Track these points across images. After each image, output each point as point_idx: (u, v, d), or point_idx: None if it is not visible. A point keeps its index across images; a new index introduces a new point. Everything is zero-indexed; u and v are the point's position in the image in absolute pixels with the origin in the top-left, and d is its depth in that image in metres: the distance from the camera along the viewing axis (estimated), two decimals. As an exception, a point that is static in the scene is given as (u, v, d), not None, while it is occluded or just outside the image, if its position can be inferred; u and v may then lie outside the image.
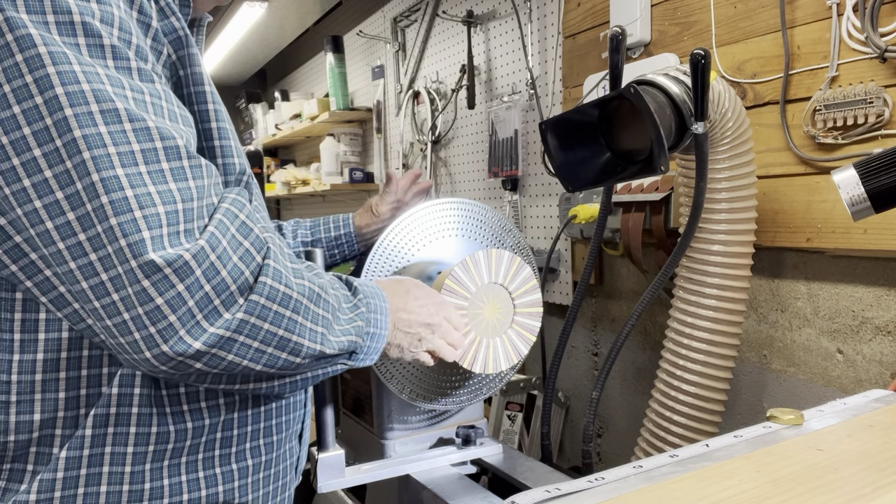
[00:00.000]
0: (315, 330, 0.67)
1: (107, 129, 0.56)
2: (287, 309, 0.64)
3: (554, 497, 0.65)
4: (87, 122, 0.55)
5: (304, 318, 0.66)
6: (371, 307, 0.78)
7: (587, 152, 1.20)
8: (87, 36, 0.58)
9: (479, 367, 1.03)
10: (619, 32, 1.18)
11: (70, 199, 0.56)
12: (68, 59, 0.56)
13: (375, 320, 0.78)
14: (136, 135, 0.57)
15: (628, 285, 1.82)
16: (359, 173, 3.20)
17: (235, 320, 0.60)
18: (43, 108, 0.55)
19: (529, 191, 2.11)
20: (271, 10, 3.14)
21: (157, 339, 0.57)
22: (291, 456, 0.83)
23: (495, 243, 1.15)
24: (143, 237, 0.55)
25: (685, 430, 1.29)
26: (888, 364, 1.25)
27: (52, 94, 0.55)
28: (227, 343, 0.60)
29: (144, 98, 0.59)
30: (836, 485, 0.64)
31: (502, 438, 1.99)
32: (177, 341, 0.58)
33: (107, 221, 0.55)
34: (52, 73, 0.55)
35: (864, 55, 1.19)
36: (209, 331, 0.59)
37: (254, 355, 0.63)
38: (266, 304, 0.62)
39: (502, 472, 1.14)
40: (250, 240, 0.62)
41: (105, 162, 0.55)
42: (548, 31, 1.99)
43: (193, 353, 0.59)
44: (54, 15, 0.56)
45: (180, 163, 0.59)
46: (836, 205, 1.24)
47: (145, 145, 0.58)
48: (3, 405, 0.63)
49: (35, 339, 0.63)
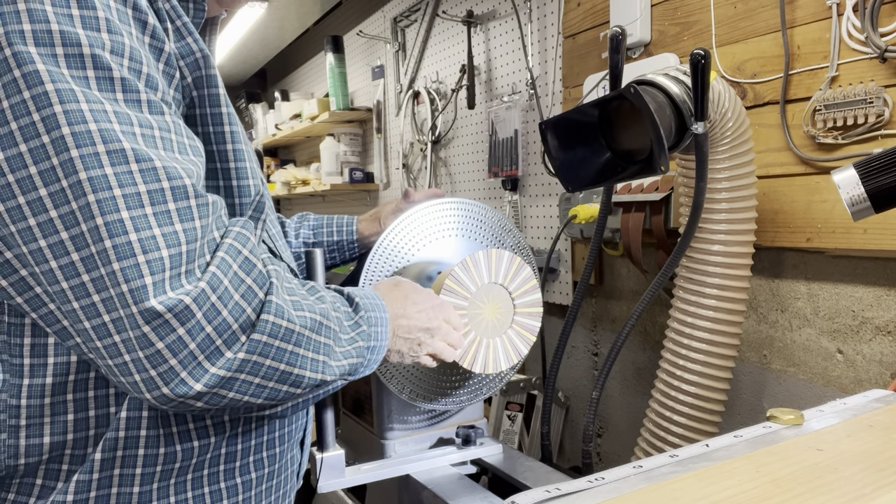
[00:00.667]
0: (317, 359, 0.68)
1: (112, 170, 0.55)
2: (289, 343, 0.64)
3: (554, 497, 0.65)
4: (92, 164, 0.55)
5: (306, 349, 0.66)
6: (372, 321, 0.78)
7: (587, 152, 1.20)
8: (97, 69, 0.57)
9: (479, 367, 1.03)
10: (619, 32, 1.18)
11: (74, 240, 0.55)
12: (76, 98, 0.55)
13: (376, 333, 0.78)
14: (142, 175, 0.57)
15: (628, 285, 1.82)
16: (359, 173, 3.20)
17: (237, 360, 0.60)
18: (49, 148, 0.55)
19: (529, 191, 2.11)
20: (271, 10, 3.14)
21: (158, 381, 0.57)
22: (293, 464, 0.83)
23: (495, 243, 1.14)
24: (144, 283, 0.55)
25: (685, 430, 1.29)
26: (888, 364, 1.25)
27: (59, 134, 0.55)
28: (229, 382, 0.61)
29: (153, 133, 0.59)
30: (836, 485, 0.64)
31: (502, 438, 1.99)
32: (178, 384, 0.58)
33: (109, 265, 0.55)
34: (58, 111, 0.55)
35: (864, 55, 1.19)
36: (210, 371, 0.59)
37: (255, 391, 0.63)
38: (268, 341, 0.62)
39: (502, 472, 1.14)
40: (252, 276, 0.62)
41: (110, 205, 0.55)
42: (548, 31, 1.99)
43: (194, 394, 0.59)
44: (63, 48, 0.56)
45: (187, 202, 0.59)
46: (836, 205, 1.24)
47: (151, 186, 0.57)
48: (13, 429, 0.63)
49: (44, 363, 0.64)
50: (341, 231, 1.22)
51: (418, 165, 2.77)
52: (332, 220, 1.23)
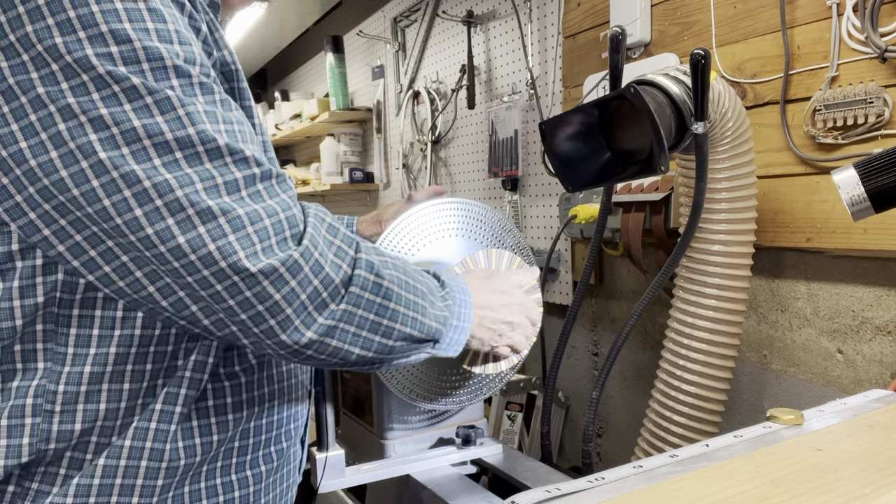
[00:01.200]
0: (406, 314, 0.74)
1: (212, 164, 0.63)
2: (378, 296, 0.71)
3: (554, 497, 0.65)
4: (195, 162, 0.62)
5: (396, 303, 0.73)
6: (457, 300, 0.83)
7: (587, 152, 1.20)
8: (180, 77, 0.63)
9: (479, 367, 1.03)
10: (619, 32, 1.18)
11: (180, 224, 0.62)
12: (172, 106, 0.62)
13: (460, 313, 0.83)
14: (237, 165, 0.64)
15: (628, 285, 1.82)
16: (359, 173, 3.20)
17: (339, 311, 0.68)
18: (152, 151, 0.61)
19: (529, 191, 2.11)
20: (271, 10, 3.14)
21: (277, 329, 0.65)
22: (296, 459, 0.86)
23: (495, 243, 1.14)
24: (255, 249, 0.63)
25: (685, 430, 1.29)
26: (888, 364, 1.25)
27: (163, 140, 0.61)
28: (332, 331, 0.68)
29: (233, 128, 0.66)
30: (836, 485, 0.64)
31: (502, 438, 1.99)
32: (293, 331, 0.66)
33: (225, 238, 0.62)
34: (160, 121, 0.61)
35: (864, 55, 1.19)
36: (318, 321, 0.67)
37: (352, 339, 0.70)
38: (360, 293, 0.70)
39: (502, 472, 1.14)
40: (339, 237, 0.70)
41: (211, 192, 0.63)
42: (548, 31, 1.99)
43: (306, 341, 0.67)
44: (148, 63, 0.61)
45: (270, 181, 0.67)
46: (836, 205, 1.24)
47: (245, 172, 0.65)
48: (48, 414, 0.66)
49: (86, 353, 0.67)
50: None
51: (418, 165, 2.77)
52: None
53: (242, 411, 0.76)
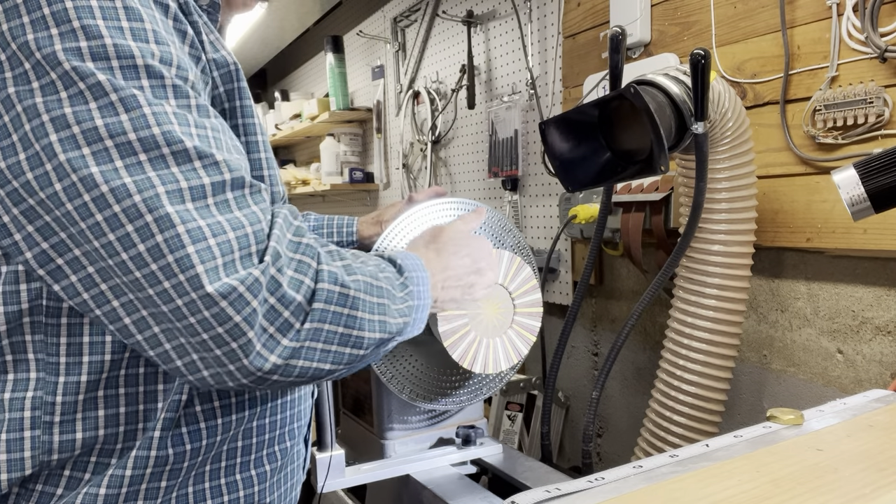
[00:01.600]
0: (373, 320, 0.71)
1: (178, 168, 0.60)
2: (345, 307, 0.67)
3: (554, 497, 0.65)
4: (159, 165, 0.59)
5: (363, 311, 0.69)
6: (414, 280, 0.80)
7: (587, 152, 1.20)
8: (151, 77, 0.60)
9: (479, 367, 1.03)
10: (619, 32, 1.18)
11: (139, 231, 0.58)
12: (138, 104, 0.59)
13: (419, 292, 0.80)
14: (206, 170, 0.61)
15: (628, 285, 1.82)
16: (359, 173, 3.20)
17: (305, 330, 0.64)
18: (114, 152, 0.58)
19: (529, 191, 2.11)
20: (271, 10, 3.14)
21: (239, 353, 0.61)
22: (299, 457, 0.86)
23: (495, 243, 1.14)
24: (216, 264, 0.59)
25: (685, 430, 1.29)
26: (888, 364, 1.25)
27: (126, 140, 0.58)
28: (298, 352, 0.64)
29: (207, 133, 0.63)
30: (836, 485, 0.64)
31: (502, 438, 1.99)
32: (255, 356, 0.61)
33: (183, 249, 0.58)
34: (124, 119, 0.58)
35: (864, 55, 1.19)
36: (282, 343, 0.62)
37: (321, 356, 0.66)
38: (326, 307, 0.65)
39: (502, 472, 1.14)
40: (301, 250, 0.66)
41: (174, 197, 0.59)
42: (548, 31, 1.99)
43: (270, 366, 0.62)
44: (118, 60, 0.59)
45: (242, 191, 0.63)
46: (836, 205, 1.25)
47: (214, 178, 0.61)
48: (47, 426, 0.66)
49: (79, 361, 0.66)
50: (341, 231, 1.23)
51: (418, 165, 2.77)
52: (333, 220, 1.24)
53: (245, 411, 0.76)
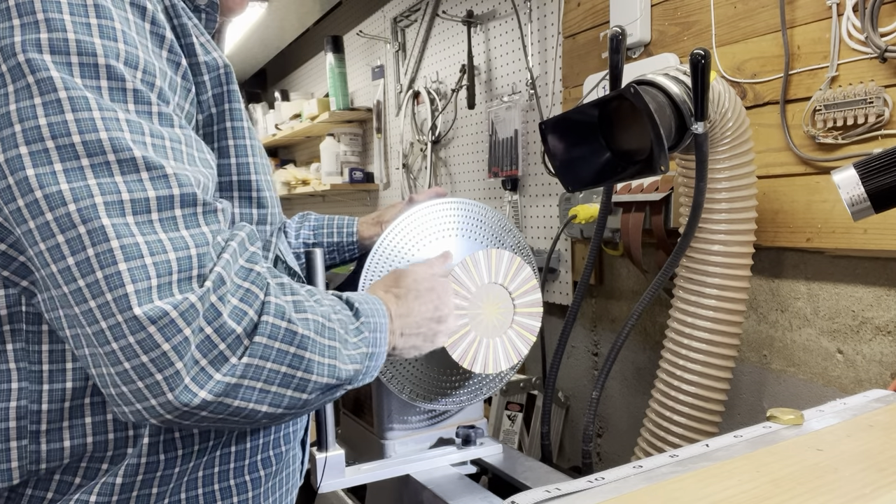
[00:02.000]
0: (322, 363, 0.66)
1: (122, 178, 0.56)
2: (292, 346, 0.62)
3: (554, 497, 0.65)
4: (102, 172, 0.55)
5: (312, 351, 0.64)
6: (372, 326, 0.76)
7: (587, 152, 1.20)
8: (110, 79, 0.57)
9: (479, 367, 1.03)
10: (619, 32, 1.18)
11: (70, 243, 0.54)
12: (88, 106, 0.55)
13: (375, 339, 0.76)
14: (152, 182, 0.57)
15: (628, 285, 1.82)
16: (359, 173, 3.20)
17: (241, 365, 0.59)
18: (54, 153, 0.55)
19: (529, 191, 2.11)
20: (271, 10, 3.14)
21: (163, 386, 0.55)
22: (296, 461, 0.85)
23: (495, 243, 1.14)
24: (149, 285, 0.55)
25: (685, 430, 1.29)
26: (888, 364, 1.25)
27: (69, 142, 0.55)
28: (234, 389, 0.59)
29: (164, 143, 0.59)
30: (836, 485, 0.64)
31: (502, 438, 1.99)
32: (182, 390, 0.56)
33: (114, 266, 0.54)
34: (70, 119, 0.55)
35: (864, 55, 1.19)
36: (215, 378, 0.58)
37: (259, 397, 0.61)
38: (269, 343, 0.61)
39: (502, 472, 1.14)
40: (251, 279, 0.61)
41: (113, 209, 0.55)
42: (548, 31, 1.99)
43: (199, 402, 0.57)
44: (78, 56, 0.56)
45: (194, 209, 0.59)
46: (836, 205, 1.24)
47: (161, 192, 0.57)
48: (34, 435, 0.64)
49: (63, 368, 0.64)
50: (341, 232, 1.23)
51: (418, 165, 2.77)
52: (333, 220, 1.24)
53: (217, 433, 0.73)
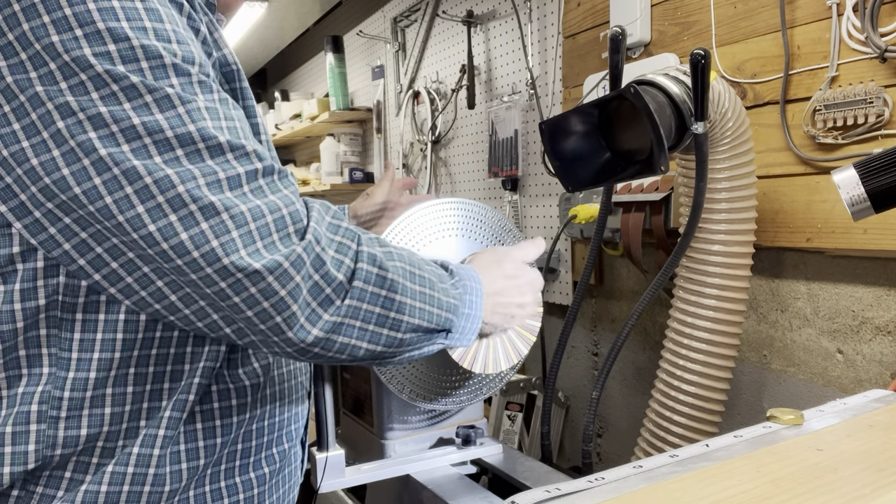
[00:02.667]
0: (413, 305, 0.73)
1: (213, 161, 0.63)
2: (383, 289, 0.70)
3: (554, 497, 0.65)
4: (196, 158, 0.62)
5: (403, 294, 0.72)
6: (467, 289, 0.82)
7: (587, 152, 1.20)
8: (179, 76, 0.63)
9: (479, 367, 1.03)
10: (619, 32, 1.18)
11: (183, 220, 0.61)
12: (172, 104, 0.62)
13: (471, 302, 0.82)
14: (238, 161, 0.64)
15: (628, 285, 1.82)
16: (359, 173, 3.20)
17: (344, 307, 0.67)
18: (152, 148, 0.61)
19: (529, 191, 2.11)
20: (271, 10, 3.14)
21: (283, 326, 0.64)
22: (297, 459, 0.86)
23: (495, 243, 1.14)
24: (258, 246, 0.62)
25: (685, 430, 1.29)
26: (888, 364, 1.25)
27: (163, 137, 0.61)
28: (338, 327, 0.68)
29: (235, 125, 0.66)
30: (836, 485, 0.64)
31: (502, 438, 1.99)
32: (299, 329, 0.65)
33: (228, 234, 0.62)
34: (159, 118, 0.61)
35: (864, 55, 1.19)
36: (324, 318, 0.66)
37: (359, 334, 0.70)
38: (364, 287, 0.69)
39: (502, 472, 1.14)
40: (341, 233, 0.69)
41: (214, 187, 0.62)
42: (548, 31, 1.99)
43: (312, 339, 0.66)
44: (147, 61, 0.61)
45: (272, 177, 0.67)
46: (836, 205, 1.24)
47: (248, 167, 0.65)
48: (53, 420, 0.66)
49: (90, 358, 0.67)
50: None
51: (418, 165, 2.77)
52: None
53: (245, 413, 0.76)
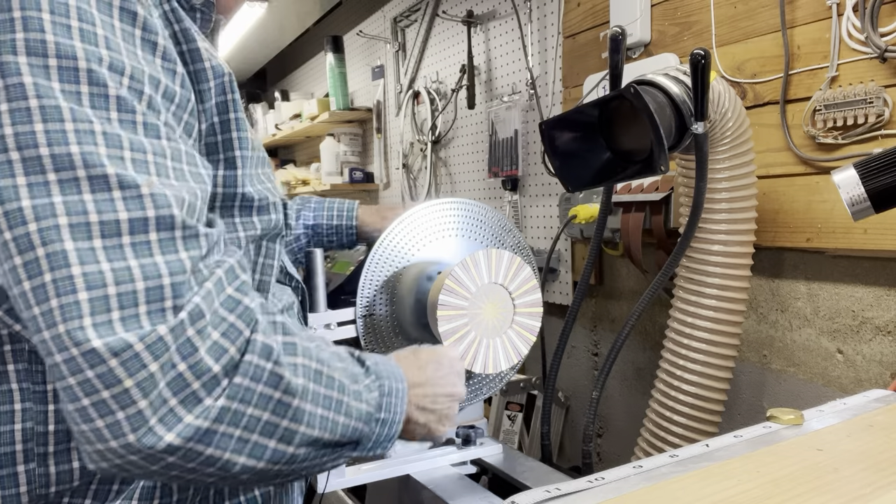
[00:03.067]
0: (314, 413, 0.60)
1: (92, 196, 0.51)
2: (277, 390, 0.57)
3: (554, 497, 0.65)
4: (70, 190, 0.51)
5: (302, 398, 0.58)
6: (385, 390, 0.69)
7: (587, 152, 1.20)
8: (91, 84, 0.53)
9: (479, 367, 1.03)
10: (619, 32, 1.18)
11: (28, 266, 0.50)
12: (61, 116, 0.51)
13: (389, 404, 0.68)
14: (125, 203, 0.52)
15: (628, 285, 1.82)
16: (359, 173, 3.20)
17: (216, 407, 0.53)
18: (18, 166, 0.50)
19: (529, 191, 2.11)
20: (271, 10, 3.14)
21: (125, 426, 0.50)
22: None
23: (495, 243, 1.14)
24: (110, 317, 0.50)
25: (685, 430, 1.29)
26: (888, 364, 1.25)
27: (35, 154, 0.50)
28: (207, 435, 0.53)
29: (146, 157, 0.55)
30: (836, 485, 0.64)
31: (502, 438, 1.99)
32: (146, 432, 0.50)
33: (73, 295, 0.50)
34: (38, 129, 0.50)
35: (864, 55, 1.19)
36: (185, 420, 0.52)
37: (236, 445, 0.55)
38: (251, 385, 0.55)
39: (502, 472, 1.14)
40: (238, 311, 0.56)
41: (78, 232, 0.51)
42: (548, 31, 1.99)
43: (165, 446, 0.51)
44: (57, 59, 0.52)
45: (171, 233, 0.54)
46: (836, 205, 1.24)
47: (135, 214, 0.52)
48: (41, 457, 0.61)
49: None
50: (341, 215, 1.22)
51: (418, 165, 2.77)
52: (334, 203, 1.24)
53: (188, 486, 0.68)
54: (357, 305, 1.03)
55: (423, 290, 1.04)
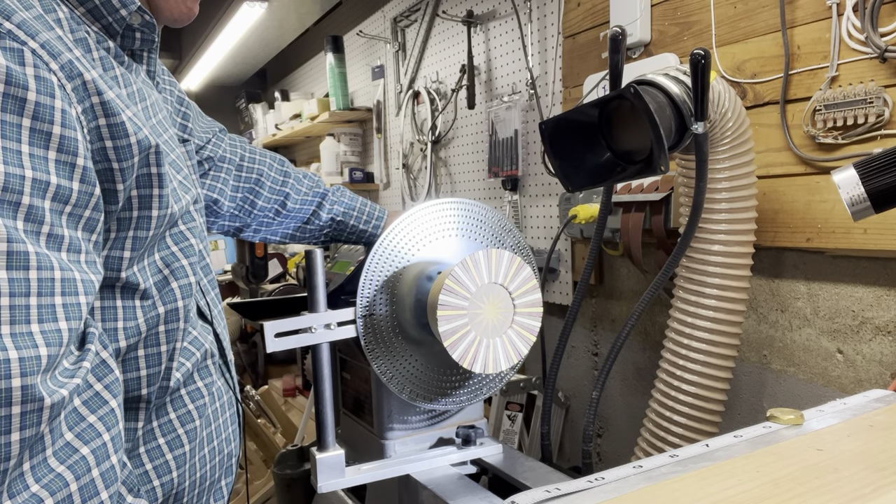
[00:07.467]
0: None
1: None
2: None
3: (554, 497, 0.65)
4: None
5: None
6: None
7: (587, 152, 1.20)
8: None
9: (479, 367, 1.03)
10: (619, 32, 1.18)
11: None
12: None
13: None
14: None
15: (628, 285, 1.82)
16: (359, 173, 3.20)
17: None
18: None
19: (529, 191, 2.11)
20: (271, 10, 3.14)
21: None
22: (221, 396, 0.88)
23: (495, 243, 1.14)
24: None
25: (685, 430, 1.29)
26: (888, 364, 1.25)
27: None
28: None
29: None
30: (836, 485, 0.64)
31: (502, 438, 1.99)
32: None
33: None
34: None
35: (864, 55, 1.19)
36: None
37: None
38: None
39: (502, 472, 1.14)
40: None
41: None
42: (548, 31, 1.99)
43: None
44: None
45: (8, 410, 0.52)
46: (836, 205, 1.24)
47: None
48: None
49: (115, 328, 0.67)
50: (369, 222, 1.28)
51: (418, 165, 2.77)
52: (365, 207, 1.28)
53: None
54: (357, 305, 1.03)
55: (423, 290, 1.04)
